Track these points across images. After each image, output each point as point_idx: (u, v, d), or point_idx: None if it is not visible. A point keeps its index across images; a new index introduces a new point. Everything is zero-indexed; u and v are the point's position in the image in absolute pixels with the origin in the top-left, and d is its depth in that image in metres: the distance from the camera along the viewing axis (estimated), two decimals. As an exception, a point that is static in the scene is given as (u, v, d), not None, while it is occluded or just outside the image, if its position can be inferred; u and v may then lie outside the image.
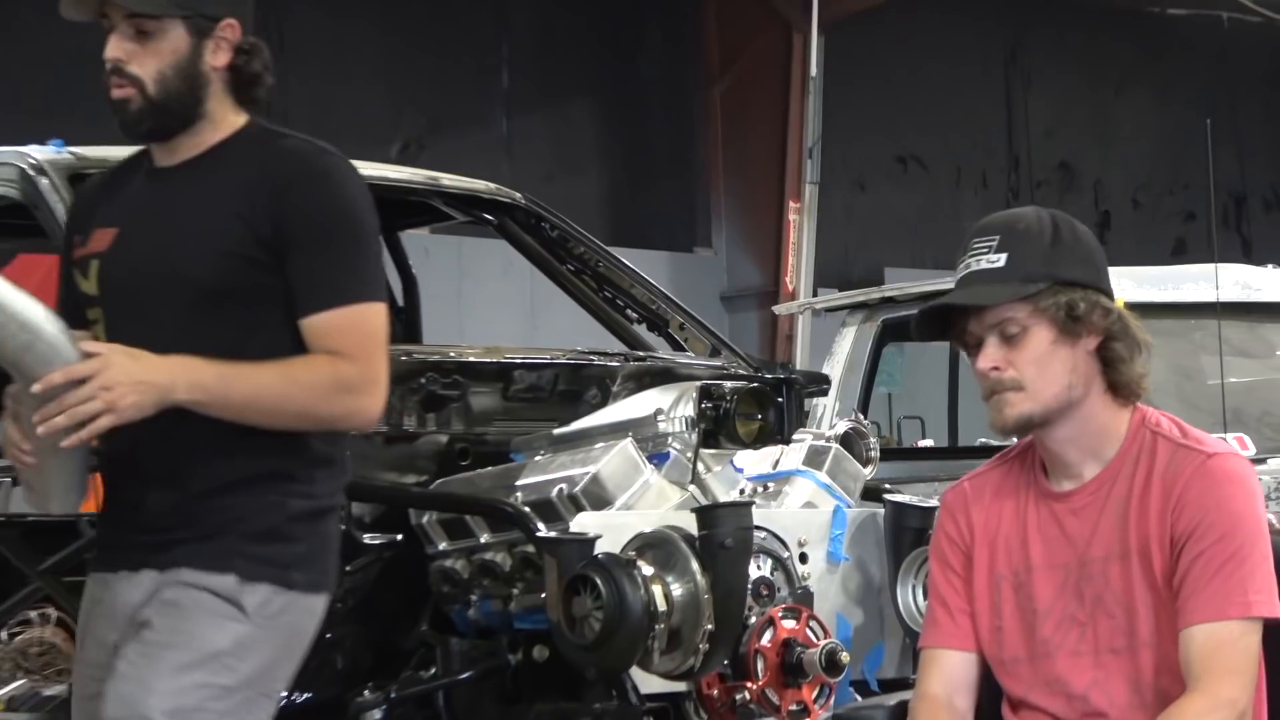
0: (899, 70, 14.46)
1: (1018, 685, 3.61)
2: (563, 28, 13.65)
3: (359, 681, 4.99)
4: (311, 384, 3.39)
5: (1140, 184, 15.82)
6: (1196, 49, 16.13)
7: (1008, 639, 3.60)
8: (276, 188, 3.41)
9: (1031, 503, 3.62)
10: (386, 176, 6.76)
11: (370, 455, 5.20)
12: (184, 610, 3.27)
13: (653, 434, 4.86)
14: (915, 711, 3.66)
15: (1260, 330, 7.53)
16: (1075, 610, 3.55)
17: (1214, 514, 3.40)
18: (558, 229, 6.68)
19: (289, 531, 3.39)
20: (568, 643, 4.58)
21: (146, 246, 3.42)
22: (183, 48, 3.29)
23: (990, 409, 3.54)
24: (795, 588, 4.82)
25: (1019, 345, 3.45)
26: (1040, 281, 3.43)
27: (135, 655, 3.27)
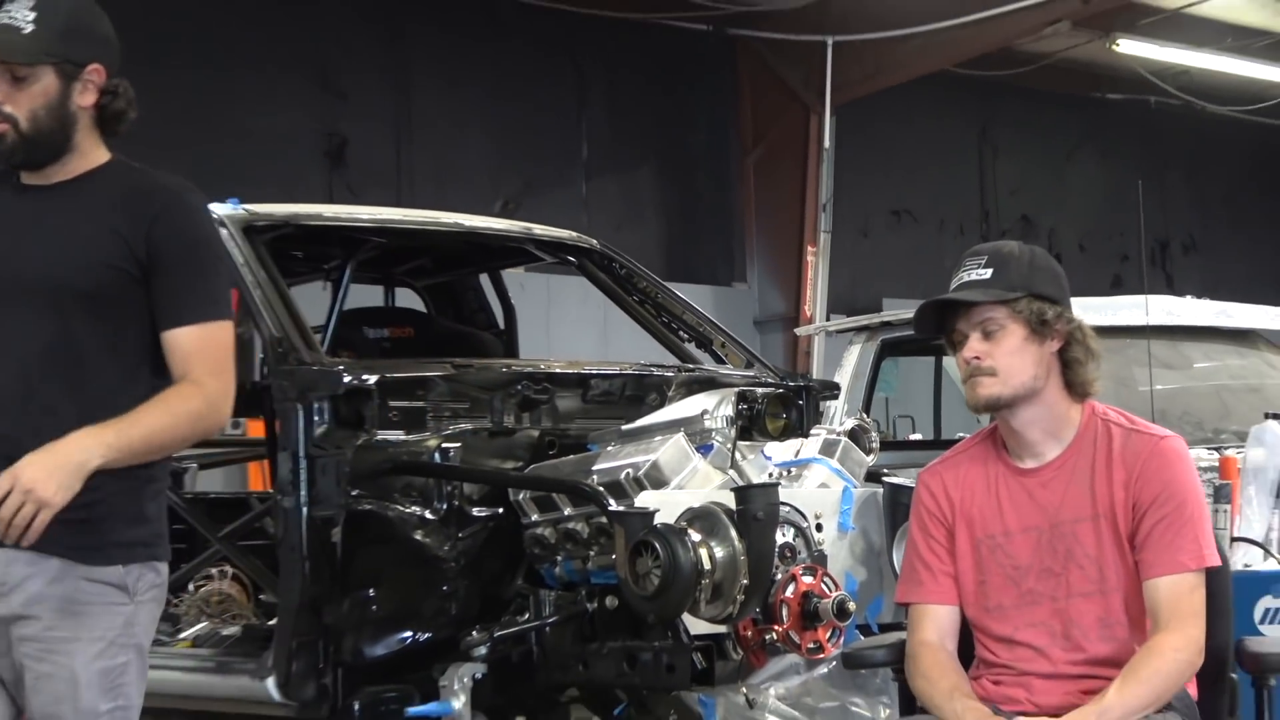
0: (894, 142, 14.39)
1: (1005, 626, 3.62)
2: (629, 110, 13.61)
3: (469, 624, 4.97)
4: (188, 412, 3.27)
5: (1085, 232, 15.72)
6: (1131, 125, 16.04)
7: (992, 590, 3.63)
8: (153, 213, 3.30)
9: (1001, 479, 3.64)
10: (492, 227, 6.76)
11: (478, 447, 5.19)
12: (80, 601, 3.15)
13: (699, 429, 4.84)
14: (917, 656, 3.65)
15: (1180, 348, 7.52)
16: (1051, 564, 3.57)
17: (1171, 486, 3.50)
18: (625, 268, 6.67)
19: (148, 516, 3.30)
20: (633, 594, 4.56)
21: (17, 252, 3.25)
22: (53, 90, 3.19)
23: (967, 389, 3.60)
24: (812, 551, 4.81)
25: (996, 340, 3.50)
26: (1018, 291, 3.49)
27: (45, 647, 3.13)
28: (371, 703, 5.06)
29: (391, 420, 5.24)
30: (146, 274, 3.23)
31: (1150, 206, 16.10)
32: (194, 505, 6.82)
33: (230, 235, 5.64)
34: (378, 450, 5.15)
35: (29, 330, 3.16)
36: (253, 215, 5.80)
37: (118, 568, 3.18)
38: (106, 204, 3.26)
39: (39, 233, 3.24)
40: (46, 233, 3.23)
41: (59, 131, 3.19)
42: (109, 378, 3.21)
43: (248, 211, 5.82)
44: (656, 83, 13.69)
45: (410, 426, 5.26)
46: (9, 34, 3.12)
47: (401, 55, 12.58)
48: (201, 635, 5.96)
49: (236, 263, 5.60)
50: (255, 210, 5.86)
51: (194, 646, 5.89)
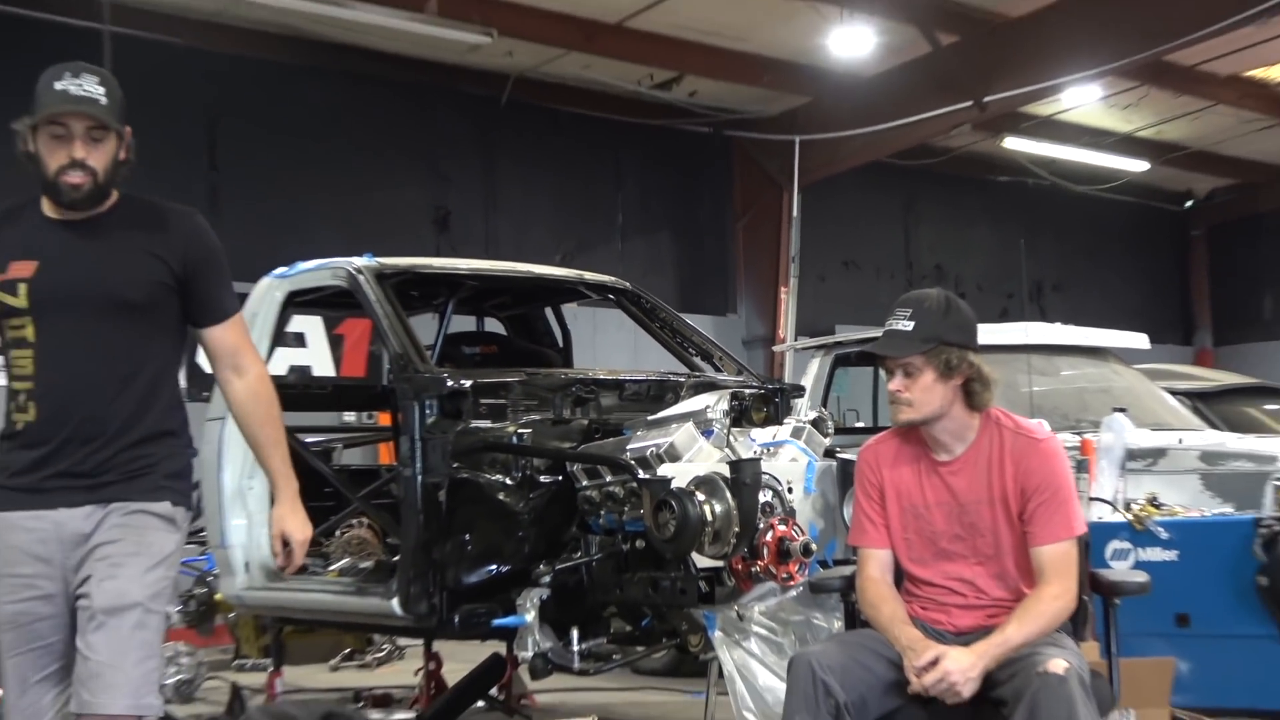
0: (843, 212, 14.33)
1: (924, 571, 3.63)
2: (653, 190, 13.61)
3: (537, 559, 4.98)
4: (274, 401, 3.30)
5: (981, 277, 15.64)
6: (1014, 199, 15.99)
7: (915, 548, 3.64)
8: (183, 236, 3.20)
9: (923, 466, 3.64)
10: (553, 274, 6.80)
11: (543, 431, 5.19)
12: (140, 530, 3.08)
13: (704, 419, 4.83)
14: (865, 588, 3.65)
15: (1051, 360, 7.52)
16: (960, 532, 3.58)
17: (1049, 477, 3.52)
18: (650, 302, 6.65)
19: (184, 472, 3.25)
20: (655, 538, 4.56)
21: (77, 275, 3.07)
22: (114, 149, 3.07)
23: (891, 410, 3.66)
24: (785, 507, 4.79)
25: (914, 379, 3.52)
26: (931, 343, 3.48)
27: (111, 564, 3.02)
28: (467, 616, 5.09)
29: (481, 413, 5.25)
30: (181, 284, 3.15)
31: (1028, 259, 16.07)
32: (339, 474, 6.83)
33: (366, 280, 5.67)
34: (471, 434, 5.16)
35: (92, 333, 3.07)
36: (382, 266, 5.82)
37: (167, 504, 3.14)
38: (140, 232, 3.14)
39: (88, 257, 3.09)
40: (96, 257, 3.08)
41: (113, 180, 3.09)
42: (155, 365, 3.15)
43: (379, 263, 5.83)
44: (673, 170, 13.68)
45: (495, 417, 5.27)
46: (94, 104, 3.00)
47: (489, 150, 12.57)
48: (345, 568, 5.97)
49: (370, 300, 5.63)
50: (384, 262, 5.87)
51: (340, 576, 5.91)
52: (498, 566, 5.06)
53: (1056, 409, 6.74)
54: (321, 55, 11.32)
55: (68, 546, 3.00)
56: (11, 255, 3.06)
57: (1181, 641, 5.31)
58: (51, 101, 2.98)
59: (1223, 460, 6.26)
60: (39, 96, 3.02)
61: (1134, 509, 5.66)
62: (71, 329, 3.05)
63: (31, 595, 3.01)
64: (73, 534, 3.01)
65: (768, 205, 13.48)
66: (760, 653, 4.85)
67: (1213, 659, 5.31)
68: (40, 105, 3.01)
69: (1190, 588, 5.36)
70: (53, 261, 3.05)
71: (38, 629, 3.02)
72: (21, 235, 3.10)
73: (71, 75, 3.00)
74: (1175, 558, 5.44)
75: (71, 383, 3.04)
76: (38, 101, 3.02)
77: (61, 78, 2.99)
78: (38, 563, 3.00)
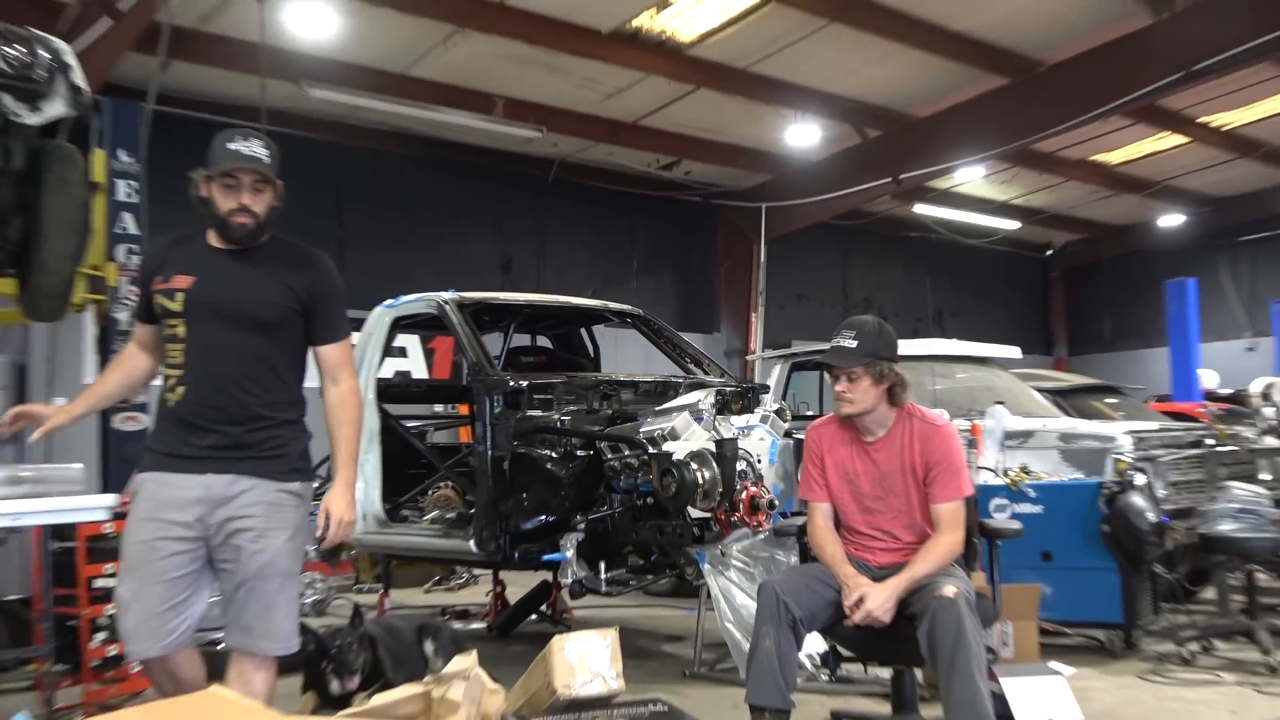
0: (796, 260, 14.29)
1: (855, 522, 3.62)
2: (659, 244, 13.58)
3: (574, 512, 4.98)
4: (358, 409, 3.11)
5: (898, 305, 15.60)
6: (922, 250, 15.92)
7: (848, 503, 3.62)
8: (311, 273, 3.03)
9: (855, 446, 3.63)
10: (587, 304, 6.79)
11: (580, 418, 5.20)
12: (279, 506, 2.93)
13: (696, 410, 4.81)
14: (813, 533, 3.64)
15: (950, 366, 7.48)
16: (880, 493, 3.57)
17: (946, 453, 3.52)
18: (657, 324, 6.64)
19: (307, 453, 3.08)
20: (661, 496, 4.55)
21: (225, 293, 2.93)
22: (272, 197, 2.94)
23: (836, 406, 3.61)
24: (756, 474, 4.79)
25: (855, 383, 3.52)
26: (869, 357, 3.50)
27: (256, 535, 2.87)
28: (524, 553, 5.10)
29: (534, 404, 5.24)
30: (305, 310, 3.00)
31: (932, 293, 16.08)
32: (431, 449, 6.83)
33: (451, 308, 5.70)
34: (527, 421, 5.16)
35: (230, 339, 2.93)
36: (462, 298, 5.83)
37: (298, 484, 3.00)
38: (280, 266, 3.00)
39: (236, 281, 2.95)
40: (242, 281, 2.95)
41: (268, 223, 2.97)
42: (279, 370, 3.00)
43: (460, 296, 5.85)
44: (673, 229, 13.66)
45: (544, 408, 5.27)
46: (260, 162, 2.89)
47: (540, 215, 12.60)
48: (434, 518, 5.96)
49: (454, 323, 5.63)
50: (464, 295, 5.89)
51: (431, 524, 5.90)
52: (546, 517, 5.06)
53: (953, 402, 6.71)
54: (419, 145, 11.35)
55: (211, 505, 2.87)
56: (177, 270, 2.95)
57: (1046, 572, 5.28)
58: (227, 158, 2.88)
59: (1075, 439, 6.23)
60: (215, 153, 2.92)
61: (1010, 475, 5.64)
62: (215, 334, 2.92)
63: (170, 535, 2.84)
64: (218, 496, 2.87)
65: (742, 254, 13.47)
66: (737, 580, 4.84)
67: (1068, 585, 5.29)
68: (217, 160, 2.90)
69: (1052, 533, 5.34)
70: (208, 279, 2.94)
71: (168, 563, 2.83)
72: (188, 256, 2.99)
73: (242, 138, 2.92)
74: (1041, 511, 5.41)
75: (211, 375, 2.92)
76: (214, 157, 2.92)
77: (234, 140, 2.91)
78: (184, 513, 2.85)
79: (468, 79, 9.97)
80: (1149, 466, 5.73)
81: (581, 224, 12.93)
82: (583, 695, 3.50)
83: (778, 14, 8.88)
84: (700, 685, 4.96)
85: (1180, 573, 5.52)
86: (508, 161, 12.01)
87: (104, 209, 6.27)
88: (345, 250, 10.79)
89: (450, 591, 8.60)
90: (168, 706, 1.91)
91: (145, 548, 2.83)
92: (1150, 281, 15.56)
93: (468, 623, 6.99)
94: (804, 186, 12.61)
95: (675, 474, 4.53)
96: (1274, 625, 5.10)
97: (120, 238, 7.09)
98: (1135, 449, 5.91)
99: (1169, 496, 5.76)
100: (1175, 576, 5.49)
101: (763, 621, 3.38)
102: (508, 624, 6.59)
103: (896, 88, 10.79)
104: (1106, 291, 17.62)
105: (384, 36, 8.93)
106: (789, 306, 14.54)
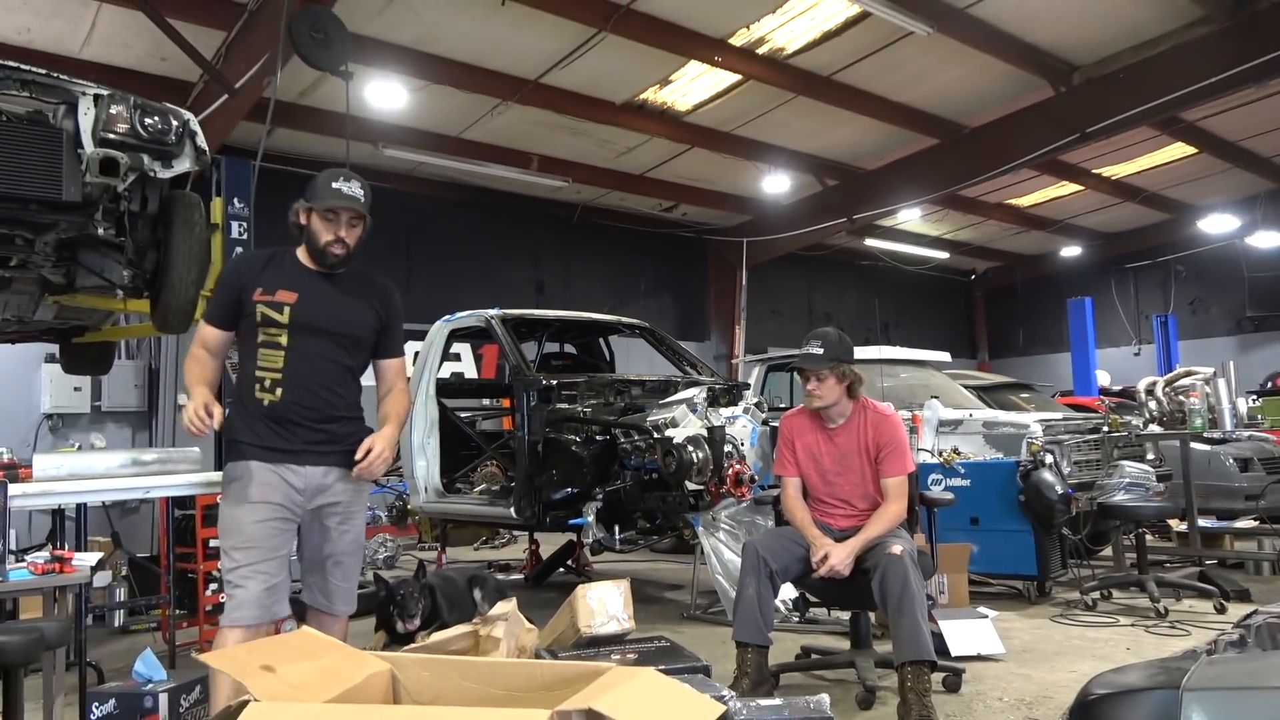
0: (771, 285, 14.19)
1: (820, 493, 3.57)
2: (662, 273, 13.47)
3: (594, 485, 4.92)
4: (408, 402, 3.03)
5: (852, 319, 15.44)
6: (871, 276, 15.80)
7: (813, 479, 3.57)
8: (386, 300, 2.88)
9: (821, 433, 3.57)
10: (604, 318, 6.72)
11: (599, 409, 5.14)
12: (360, 490, 2.83)
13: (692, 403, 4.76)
14: (786, 503, 3.59)
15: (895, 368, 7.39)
16: (841, 470, 3.52)
17: (892, 437, 3.47)
18: (660, 335, 6.59)
19: None
20: (664, 473, 4.50)
21: (326, 310, 2.76)
22: (361, 231, 2.78)
23: (806, 400, 3.55)
24: (739, 455, 4.72)
25: (822, 381, 3.48)
26: (834, 361, 3.46)
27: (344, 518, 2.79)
28: (554, 518, 5.04)
29: (562, 398, 5.19)
30: (379, 330, 2.86)
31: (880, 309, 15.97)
32: (480, 435, 6.78)
33: (496, 322, 5.64)
34: (557, 412, 5.11)
35: (328, 353, 2.78)
36: (504, 313, 5.79)
37: None
38: (364, 290, 2.84)
39: (333, 300, 2.78)
40: (337, 301, 2.78)
41: (355, 253, 2.81)
42: (356, 376, 2.87)
43: (503, 312, 5.81)
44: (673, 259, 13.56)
45: (570, 401, 5.21)
46: (358, 201, 2.72)
47: (566, 249, 12.52)
48: (482, 490, 5.91)
49: (499, 333, 5.58)
50: (505, 311, 5.84)
51: (479, 495, 5.85)
52: (571, 489, 5.00)
53: (897, 397, 6.64)
54: (471, 194, 11.33)
55: (310, 494, 2.74)
56: (280, 285, 2.75)
57: (974, 534, 5.22)
58: (331, 196, 2.72)
59: (996, 426, 6.16)
60: (319, 189, 2.75)
61: (944, 455, 5.57)
62: (314, 345, 2.76)
63: (277, 517, 2.69)
64: (316, 485, 2.75)
65: (728, 279, 13.41)
66: (725, 540, 4.78)
67: (992, 544, 5.22)
68: (320, 195, 2.74)
69: (978, 502, 5.27)
70: (309, 297, 2.76)
71: (276, 541, 2.68)
72: (285, 273, 2.78)
73: (344, 179, 2.75)
74: (969, 484, 5.34)
75: (309, 380, 2.76)
76: (318, 192, 2.74)
77: (338, 179, 2.74)
78: (289, 498, 2.71)
79: (509, 140, 9.98)
80: (1056, 448, 5.66)
81: (600, 255, 12.87)
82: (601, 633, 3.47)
83: (755, 89, 8.90)
84: (695, 625, 4.91)
85: (1083, 534, 5.45)
86: (541, 206, 11.98)
87: (221, 244, 6.27)
88: (412, 277, 10.77)
89: (495, 549, 8.57)
90: (272, 643, 1.87)
91: (262, 529, 2.67)
92: (1055, 300, 15.46)
93: (509, 574, 6.95)
94: (777, 225, 12.56)
95: (675, 455, 4.47)
96: (1160, 578, 5.03)
97: (233, 267, 7.11)
98: (1045, 434, 5.84)
99: (1073, 473, 5.69)
100: (1079, 538, 5.42)
101: (746, 573, 3.35)
102: (540, 575, 6.54)
103: (850, 146, 10.76)
104: (1020, 307, 17.49)
105: (443, 107, 8.94)
106: (765, 320, 14.46)
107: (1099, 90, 8.74)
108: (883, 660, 3.42)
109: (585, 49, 7.94)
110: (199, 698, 2.86)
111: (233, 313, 2.78)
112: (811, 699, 2.39)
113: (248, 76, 6.68)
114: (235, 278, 2.80)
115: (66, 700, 3.07)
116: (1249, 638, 1.66)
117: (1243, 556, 6.08)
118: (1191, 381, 6.74)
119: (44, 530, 5.68)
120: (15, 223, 3.52)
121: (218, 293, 2.82)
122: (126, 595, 5.28)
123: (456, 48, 7.84)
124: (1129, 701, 1.33)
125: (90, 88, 3.52)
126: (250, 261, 2.85)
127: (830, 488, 3.54)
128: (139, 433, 8.31)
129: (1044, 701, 3.40)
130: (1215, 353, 13.44)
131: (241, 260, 2.89)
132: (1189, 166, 12.05)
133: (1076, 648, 4.21)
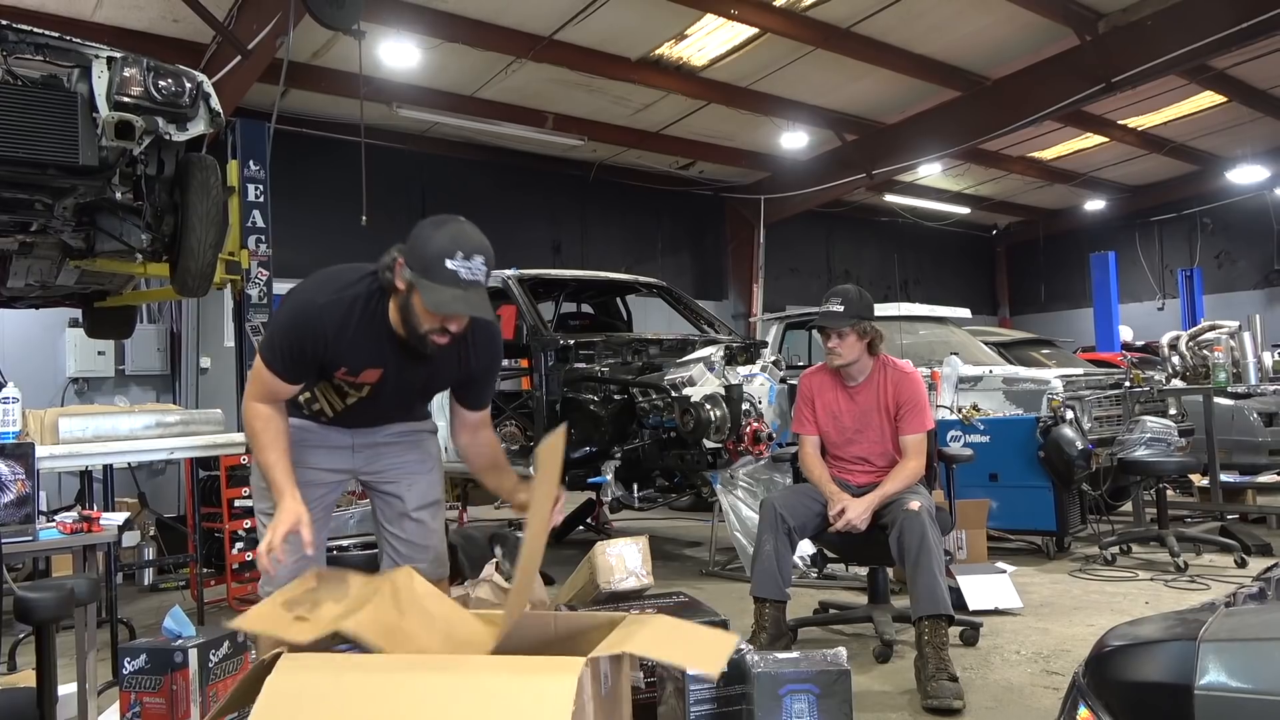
0: (790, 241, 14.07)
1: (838, 450, 3.56)
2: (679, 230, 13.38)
3: (613, 444, 4.95)
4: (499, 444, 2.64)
5: (872, 276, 15.29)
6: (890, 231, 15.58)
7: (833, 435, 3.55)
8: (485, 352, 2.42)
9: (840, 390, 3.55)
10: (622, 277, 6.69)
11: (617, 368, 5.15)
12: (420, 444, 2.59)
13: (710, 361, 4.76)
14: (804, 460, 3.58)
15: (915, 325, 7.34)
16: (860, 427, 3.52)
17: (913, 394, 3.44)
18: (678, 293, 6.56)
19: None
20: (682, 431, 4.51)
21: (408, 382, 2.36)
22: None
23: (827, 358, 3.51)
24: (757, 412, 4.72)
25: (843, 339, 3.44)
26: (854, 319, 3.41)
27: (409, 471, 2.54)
28: (573, 477, 5.08)
29: (580, 358, 5.20)
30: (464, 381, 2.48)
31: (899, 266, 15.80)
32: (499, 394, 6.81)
33: (513, 283, 5.62)
34: (574, 371, 5.12)
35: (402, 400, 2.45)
36: (521, 274, 5.77)
37: (430, 420, 2.63)
38: (463, 346, 2.33)
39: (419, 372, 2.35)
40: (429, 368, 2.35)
41: None
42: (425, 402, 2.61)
43: (520, 273, 5.79)
44: (690, 217, 13.44)
45: (589, 361, 5.22)
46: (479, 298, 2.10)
47: (583, 208, 12.43)
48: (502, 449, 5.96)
49: (516, 294, 5.58)
50: (523, 271, 5.83)
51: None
52: (590, 448, 5.03)
53: (917, 354, 6.60)
54: (486, 153, 11.25)
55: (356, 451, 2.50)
56: (366, 364, 2.28)
57: (993, 490, 5.21)
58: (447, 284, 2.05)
59: (1016, 383, 6.12)
60: (431, 265, 2.05)
61: (963, 412, 5.55)
62: (389, 396, 2.40)
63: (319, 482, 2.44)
64: (364, 441, 2.50)
65: (745, 237, 13.29)
66: (743, 497, 4.80)
67: (1011, 500, 5.22)
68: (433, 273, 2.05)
69: (998, 458, 5.26)
70: (393, 372, 2.32)
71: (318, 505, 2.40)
72: (374, 350, 2.27)
73: (464, 256, 2.05)
74: (989, 440, 5.32)
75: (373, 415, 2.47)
76: (430, 268, 2.05)
77: (454, 255, 2.04)
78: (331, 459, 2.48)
79: (524, 99, 9.87)
80: (1077, 404, 5.63)
81: (616, 214, 12.78)
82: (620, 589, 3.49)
83: (772, 43, 8.74)
84: (714, 581, 4.96)
85: (1103, 490, 5.43)
86: (557, 165, 11.90)
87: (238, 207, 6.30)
88: (429, 238, 10.80)
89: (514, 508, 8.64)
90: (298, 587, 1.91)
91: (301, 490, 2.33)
92: (1078, 254, 15.25)
93: (530, 532, 7.02)
94: (795, 181, 12.41)
95: (693, 413, 4.48)
96: (1180, 533, 5.01)
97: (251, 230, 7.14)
98: (1065, 390, 5.80)
99: (1093, 429, 5.66)
100: (1099, 493, 5.40)
101: (764, 530, 3.36)
102: (561, 533, 6.61)
103: (869, 100, 10.57)
104: (1042, 263, 17.26)
105: (457, 66, 8.85)
106: (783, 278, 14.35)
107: (1126, 39, 8.51)
108: (900, 615, 3.44)
109: (599, 3, 7.81)
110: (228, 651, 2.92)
111: (309, 374, 2.32)
112: (829, 652, 2.40)
113: (260, 37, 6.63)
114: (318, 347, 2.24)
115: (99, 656, 3.15)
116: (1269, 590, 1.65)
117: (1265, 511, 6.04)
118: (1216, 335, 6.65)
119: (73, 492, 5.79)
120: (35, 188, 3.54)
121: (289, 350, 2.24)
122: (155, 555, 5.38)
123: (468, 4, 7.74)
124: (1145, 653, 1.33)
125: (104, 51, 3.51)
126: (331, 326, 2.22)
127: (849, 445, 3.54)
128: (163, 395, 8.41)
129: (1061, 655, 3.42)
130: (1241, 307, 13.24)
131: (320, 322, 2.21)
132: (1217, 116, 11.77)
133: (1095, 602, 4.21)
